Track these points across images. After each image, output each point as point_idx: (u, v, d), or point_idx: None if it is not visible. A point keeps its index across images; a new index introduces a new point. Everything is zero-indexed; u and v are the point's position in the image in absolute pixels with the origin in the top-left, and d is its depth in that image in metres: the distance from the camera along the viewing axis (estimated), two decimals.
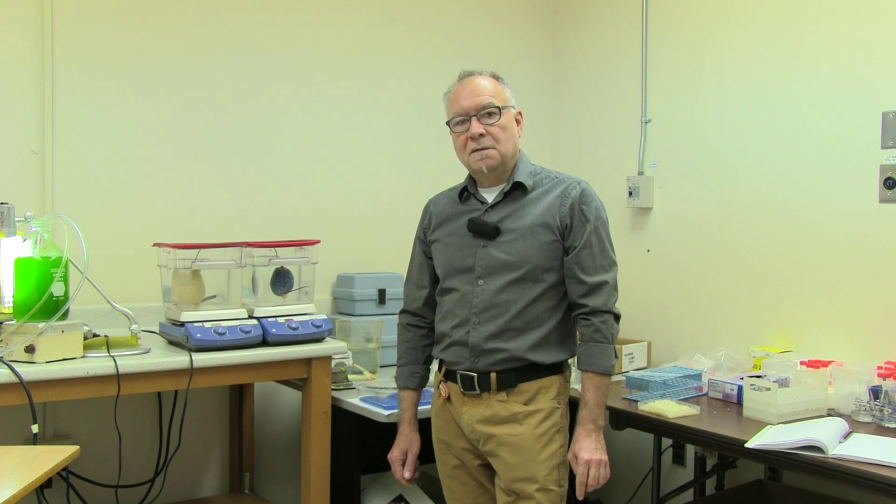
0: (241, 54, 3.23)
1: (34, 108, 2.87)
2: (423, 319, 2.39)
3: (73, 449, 1.90)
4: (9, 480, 1.69)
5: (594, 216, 2.19)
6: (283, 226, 3.28)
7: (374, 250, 3.50)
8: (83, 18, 2.93)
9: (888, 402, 2.35)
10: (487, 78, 2.23)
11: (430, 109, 3.29)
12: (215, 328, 2.53)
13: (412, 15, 3.61)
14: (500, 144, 2.19)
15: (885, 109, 2.71)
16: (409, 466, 2.36)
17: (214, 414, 3.21)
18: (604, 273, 2.18)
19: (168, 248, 2.64)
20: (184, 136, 3.13)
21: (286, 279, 2.78)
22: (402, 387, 2.40)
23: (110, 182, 3.00)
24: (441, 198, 2.39)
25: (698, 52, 3.30)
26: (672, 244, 3.41)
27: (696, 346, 3.18)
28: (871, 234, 2.75)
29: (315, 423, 2.68)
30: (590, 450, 2.13)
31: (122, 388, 2.34)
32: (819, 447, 2.08)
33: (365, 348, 3.09)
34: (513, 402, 2.17)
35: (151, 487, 2.97)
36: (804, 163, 2.95)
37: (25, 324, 2.26)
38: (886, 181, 2.70)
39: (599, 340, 2.16)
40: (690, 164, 3.34)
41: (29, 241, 2.36)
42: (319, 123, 3.41)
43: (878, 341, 2.72)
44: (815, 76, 2.91)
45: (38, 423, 2.22)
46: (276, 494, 3.28)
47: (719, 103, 3.23)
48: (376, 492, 2.94)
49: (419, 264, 2.40)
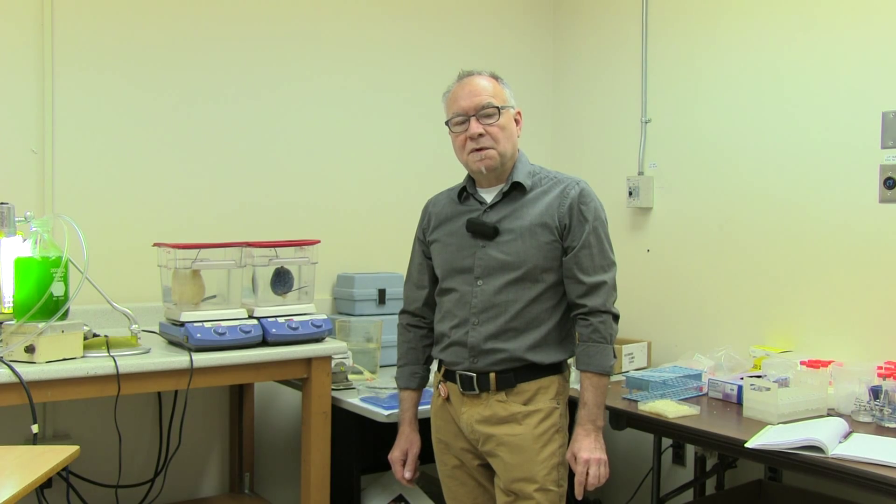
0: (242, 55, 3.23)
1: (34, 108, 2.87)
2: (423, 320, 2.39)
3: (73, 449, 1.90)
4: (9, 480, 1.69)
5: (593, 216, 2.19)
6: (283, 225, 3.28)
7: (374, 250, 3.50)
8: (83, 18, 2.93)
9: (888, 402, 2.35)
10: (487, 78, 2.23)
11: (430, 109, 3.28)
12: (215, 328, 2.53)
13: (413, 14, 3.61)
14: (499, 145, 2.19)
15: (885, 109, 2.71)
16: (409, 467, 2.36)
17: (214, 414, 3.21)
18: (602, 273, 2.18)
19: (168, 248, 2.64)
20: (184, 136, 3.13)
21: (286, 279, 2.78)
22: (402, 387, 2.40)
23: (110, 182, 3.00)
24: (440, 198, 2.39)
25: (698, 52, 3.30)
26: (672, 244, 3.41)
27: (696, 346, 3.18)
28: (871, 233, 2.75)
29: (315, 423, 2.68)
30: (589, 449, 2.13)
31: (122, 388, 2.34)
32: (819, 447, 2.08)
33: (365, 348, 3.09)
34: (512, 403, 2.17)
35: (151, 487, 2.97)
36: (804, 163, 2.95)
37: (25, 324, 2.26)
38: (886, 181, 2.70)
39: (598, 340, 2.16)
40: (690, 164, 3.34)
41: (29, 241, 2.36)
42: (319, 123, 3.40)
43: (878, 341, 2.72)
44: (816, 76, 2.91)
45: (38, 423, 2.22)
46: (276, 494, 3.28)
47: (719, 103, 3.23)
48: (376, 492, 2.94)
49: (418, 264, 2.40)
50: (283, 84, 3.32)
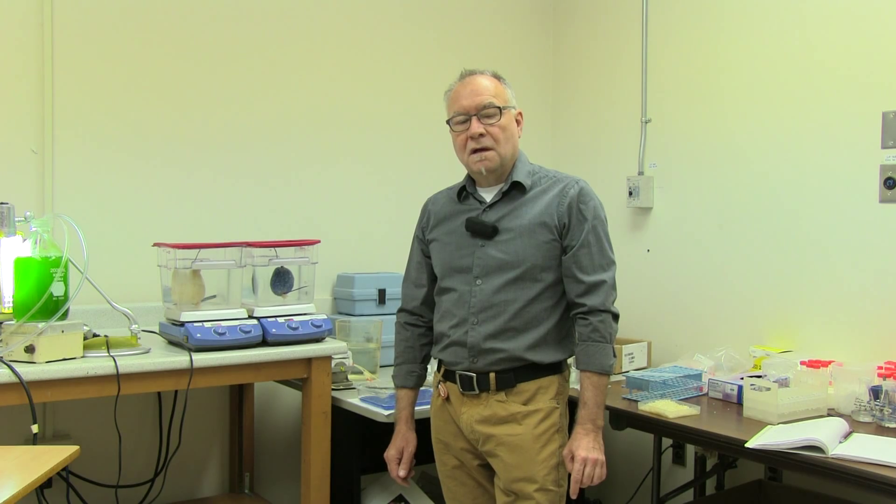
0: (241, 54, 3.23)
1: (34, 108, 2.87)
2: (421, 318, 2.39)
3: (73, 449, 1.90)
4: (9, 480, 1.69)
5: (592, 215, 2.19)
6: (283, 226, 3.28)
7: (374, 250, 3.50)
8: (83, 18, 2.93)
9: (888, 402, 2.35)
10: (489, 77, 2.23)
11: (430, 109, 3.28)
12: (215, 328, 2.53)
13: (413, 15, 3.61)
14: (500, 145, 2.19)
15: (885, 109, 2.71)
16: (404, 465, 2.35)
17: (214, 414, 3.21)
18: (602, 272, 2.18)
19: (168, 248, 2.64)
20: (184, 135, 3.13)
21: (286, 279, 2.78)
22: (399, 386, 2.40)
23: (110, 182, 3.00)
24: (439, 197, 2.39)
25: (698, 52, 3.30)
26: (672, 244, 3.41)
27: (696, 346, 3.18)
28: (871, 234, 2.75)
29: (315, 423, 2.68)
30: (587, 448, 2.12)
31: (122, 388, 2.34)
32: (819, 447, 2.08)
33: (365, 348, 3.09)
34: (512, 402, 2.17)
35: (151, 487, 2.97)
36: (804, 162, 2.95)
37: (25, 324, 2.26)
38: (886, 181, 2.70)
39: (597, 340, 2.15)
40: (690, 164, 3.34)
41: (29, 241, 2.37)
42: (319, 123, 3.40)
43: (878, 341, 2.72)
44: (815, 76, 2.91)
45: (38, 423, 2.23)
46: (276, 494, 3.28)
47: (719, 103, 3.22)
48: (376, 492, 2.94)
49: (417, 263, 2.40)
50: (283, 84, 3.32)
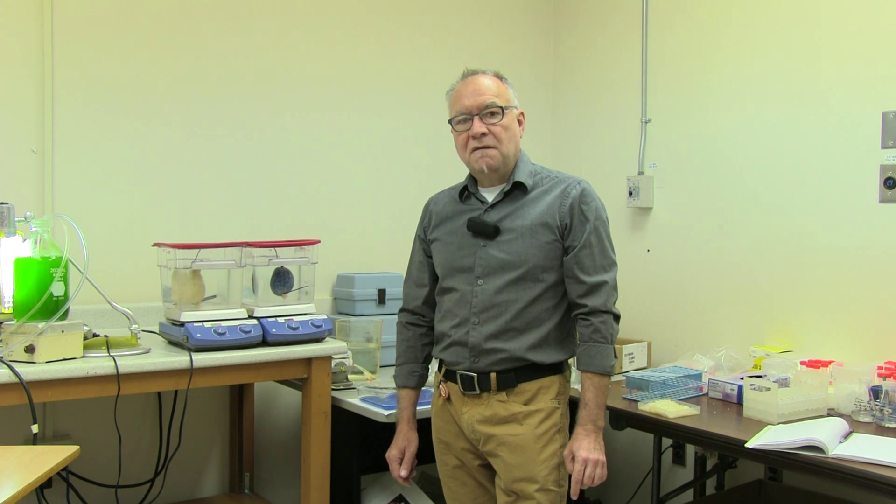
0: (241, 53, 3.23)
1: (34, 108, 2.87)
2: (423, 318, 2.39)
3: (73, 449, 1.90)
4: (9, 480, 1.69)
5: (594, 216, 2.19)
6: (283, 226, 3.28)
7: (374, 250, 3.50)
8: (83, 18, 2.93)
9: (888, 402, 2.35)
10: (491, 77, 2.23)
11: (430, 109, 3.29)
12: (215, 328, 2.53)
13: (413, 15, 3.61)
14: (502, 145, 2.19)
15: (885, 109, 2.71)
16: (405, 465, 2.35)
17: (214, 414, 3.21)
18: (603, 273, 2.18)
19: (168, 248, 2.64)
20: (184, 135, 3.13)
21: (286, 279, 2.78)
22: (400, 385, 2.40)
23: (110, 182, 3.00)
24: (441, 196, 2.39)
25: (698, 52, 3.30)
26: (672, 244, 3.41)
27: (696, 346, 3.18)
28: (871, 234, 2.75)
29: (315, 423, 2.68)
30: (588, 449, 2.12)
31: (122, 388, 2.34)
32: (819, 447, 2.08)
33: (365, 348, 3.09)
34: (513, 402, 2.17)
35: (151, 487, 2.97)
36: (804, 162, 2.95)
37: (25, 324, 2.26)
38: (886, 181, 2.70)
39: (599, 341, 2.15)
40: (690, 164, 3.34)
41: (29, 241, 2.36)
42: (319, 123, 3.40)
43: (878, 341, 2.72)
44: (816, 76, 2.91)
45: (38, 423, 2.22)
46: (276, 494, 3.28)
47: (719, 103, 3.22)
48: (376, 492, 2.94)
49: (419, 263, 2.40)
50: (283, 84, 3.32)
